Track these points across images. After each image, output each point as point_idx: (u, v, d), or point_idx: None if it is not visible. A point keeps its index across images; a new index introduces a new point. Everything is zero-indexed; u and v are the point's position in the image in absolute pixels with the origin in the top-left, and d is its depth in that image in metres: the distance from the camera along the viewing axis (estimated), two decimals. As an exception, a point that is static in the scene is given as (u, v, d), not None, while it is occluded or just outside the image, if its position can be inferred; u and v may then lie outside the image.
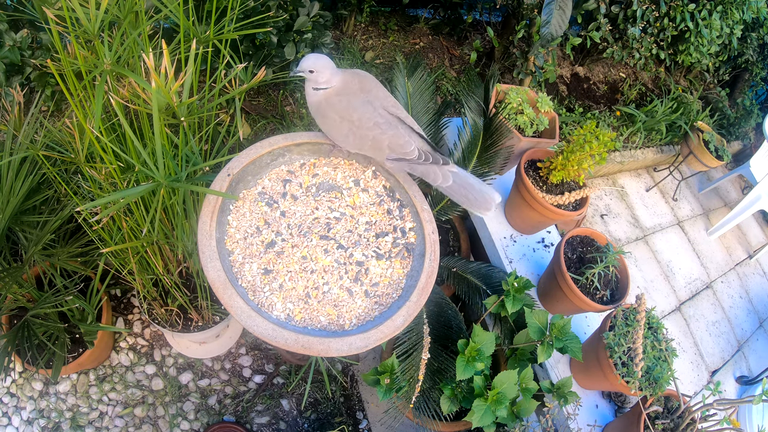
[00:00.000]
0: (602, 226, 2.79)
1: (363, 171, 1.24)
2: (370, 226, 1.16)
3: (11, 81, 1.55)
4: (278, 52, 1.86)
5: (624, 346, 1.48)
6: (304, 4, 1.86)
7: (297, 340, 0.93)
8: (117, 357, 1.84)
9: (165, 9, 0.99)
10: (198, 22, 1.61)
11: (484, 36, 3.03)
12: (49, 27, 0.89)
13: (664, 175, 3.28)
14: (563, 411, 1.57)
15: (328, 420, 1.95)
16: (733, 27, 2.86)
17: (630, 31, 2.56)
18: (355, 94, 1.11)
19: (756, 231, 3.64)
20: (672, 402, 1.53)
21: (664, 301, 2.71)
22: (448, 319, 1.67)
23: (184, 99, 0.95)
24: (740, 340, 2.90)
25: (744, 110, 3.68)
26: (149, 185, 0.88)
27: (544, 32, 1.89)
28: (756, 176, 3.07)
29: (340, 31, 2.66)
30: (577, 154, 1.68)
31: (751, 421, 2.31)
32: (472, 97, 1.94)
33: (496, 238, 1.97)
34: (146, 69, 1.07)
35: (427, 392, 1.52)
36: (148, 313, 1.59)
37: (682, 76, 3.71)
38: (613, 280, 1.70)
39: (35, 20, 1.39)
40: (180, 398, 1.85)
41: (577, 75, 3.19)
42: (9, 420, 1.70)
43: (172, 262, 1.47)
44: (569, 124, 2.79)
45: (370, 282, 1.08)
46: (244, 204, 1.11)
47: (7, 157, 1.24)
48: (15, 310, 1.52)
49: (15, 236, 1.39)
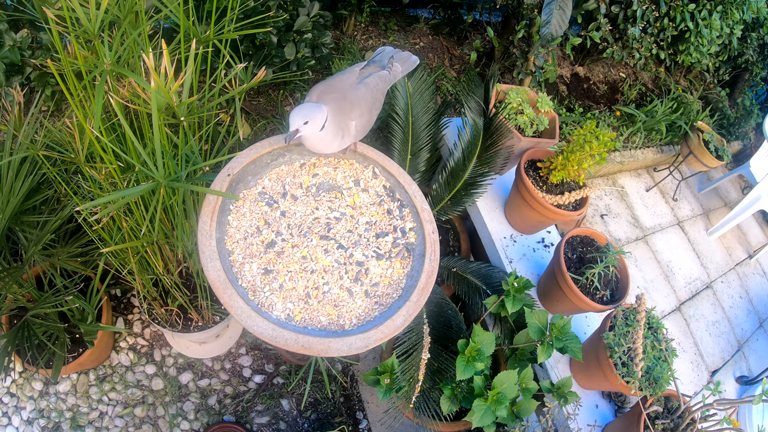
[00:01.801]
0: (602, 226, 2.79)
1: (363, 171, 1.24)
2: (370, 226, 1.16)
3: (11, 81, 1.55)
4: (278, 52, 1.86)
5: (624, 346, 1.48)
6: (304, 4, 1.86)
7: (297, 340, 0.93)
8: (117, 357, 1.84)
9: (165, 9, 0.99)
10: (198, 22, 1.61)
11: (484, 36, 3.03)
12: (49, 27, 0.89)
13: (664, 175, 3.28)
14: (563, 411, 1.57)
15: (328, 420, 1.95)
16: (733, 27, 2.86)
17: (630, 31, 2.56)
18: (343, 99, 1.12)
19: (756, 231, 3.64)
20: (672, 402, 1.53)
21: (664, 301, 2.71)
22: (448, 319, 1.67)
23: (183, 99, 0.95)
24: (740, 340, 2.90)
25: (744, 110, 3.68)
26: (149, 185, 0.88)
27: (544, 32, 1.89)
28: (756, 176, 3.07)
29: (340, 31, 2.66)
30: (577, 154, 1.68)
31: (751, 421, 2.31)
32: (472, 97, 1.94)
33: (496, 238, 1.97)
34: (146, 69, 1.07)
35: (427, 392, 1.52)
36: (148, 313, 1.59)
37: (682, 76, 3.71)
38: (613, 280, 1.70)
39: (35, 20, 1.39)
40: (180, 398, 1.85)
41: (577, 75, 3.19)
42: (9, 420, 1.70)
43: (172, 262, 1.47)
44: (569, 124, 2.79)
45: (371, 282, 1.08)
46: (244, 204, 1.11)
47: (7, 157, 1.24)
48: (15, 310, 1.52)
49: (15, 236, 1.39)
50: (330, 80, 1.16)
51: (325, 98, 1.10)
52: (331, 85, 1.14)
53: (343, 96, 1.12)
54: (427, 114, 1.95)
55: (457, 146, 1.92)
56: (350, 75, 1.18)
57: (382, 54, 1.27)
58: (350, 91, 1.13)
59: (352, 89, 1.14)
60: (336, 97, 1.11)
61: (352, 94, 1.13)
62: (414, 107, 1.92)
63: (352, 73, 1.18)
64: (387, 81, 1.23)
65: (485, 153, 1.85)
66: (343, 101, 1.11)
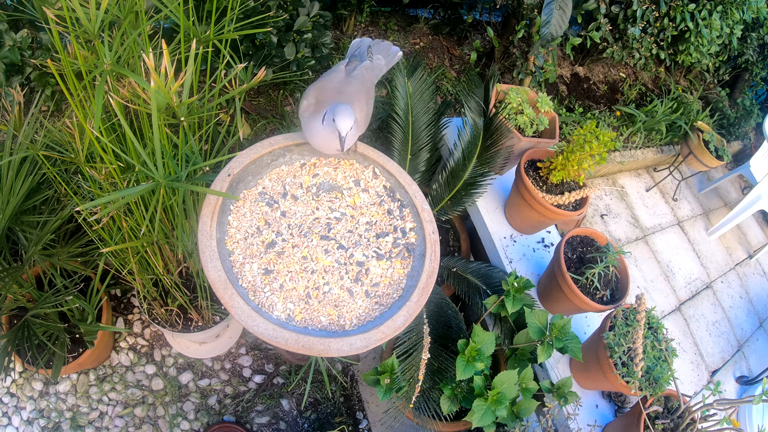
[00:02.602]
0: (602, 226, 2.79)
1: (363, 171, 1.24)
2: (371, 227, 1.16)
3: (11, 81, 1.55)
4: (278, 52, 1.86)
5: (624, 346, 1.48)
6: (304, 4, 1.86)
7: (298, 340, 0.93)
8: (117, 357, 1.84)
9: (165, 9, 0.99)
10: (198, 22, 1.61)
11: (484, 36, 3.03)
12: (49, 27, 0.89)
13: (664, 175, 3.28)
14: (563, 411, 1.57)
15: (328, 420, 1.95)
16: (733, 27, 2.86)
17: (630, 31, 2.56)
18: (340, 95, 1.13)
19: (756, 231, 3.64)
20: (672, 402, 1.53)
21: (664, 301, 2.71)
22: (448, 319, 1.67)
23: (184, 99, 0.95)
24: (740, 340, 2.90)
25: (744, 110, 3.68)
26: (149, 185, 0.88)
27: (544, 32, 1.89)
28: (756, 176, 3.07)
29: (340, 31, 2.66)
30: (577, 154, 1.68)
31: (751, 421, 2.31)
32: (472, 97, 1.94)
33: (496, 238, 1.97)
34: (146, 69, 1.07)
35: (427, 392, 1.52)
36: (148, 313, 1.59)
37: (682, 76, 3.71)
38: (613, 280, 1.70)
39: (35, 20, 1.39)
40: (180, 398, 1.85)
41: (577, 75, 3.19)
42: (9, 420, 1.70)
43: (172, 262, 1.47)
44: (569, 124, 2.79)
45: (371, 282, 1.08)
46: (244, 204, 1.11)
47: (7, 157, 1.24)
48: (15, 310, 1.52)
49: (15, 236, 1.38)
50: (320, 81, 1.16)
51: (326, 98, 1.10)
52: (323, 86, 1.14)
53: (339, 92, 1.11)
54: (427, 114, 1.95)
55: (457, 146, 1.92)
56: (337, 73, 1.18)
57: (360, 47, 1.26)
58: (344, 87, 1.13)
59: (346, 84, 1.14)
60: (334, 95, 1.11)
61: (347, 89, 1.13)
62: (414, 107, 1.92)
63: (338, 71, 1.18)
64: (373, 70, 1.22)
65: (485, 153, 1.85)
66: (342, 97, 1.11)
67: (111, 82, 0.99)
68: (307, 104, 1.12)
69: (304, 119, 1.12)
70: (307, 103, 1.12)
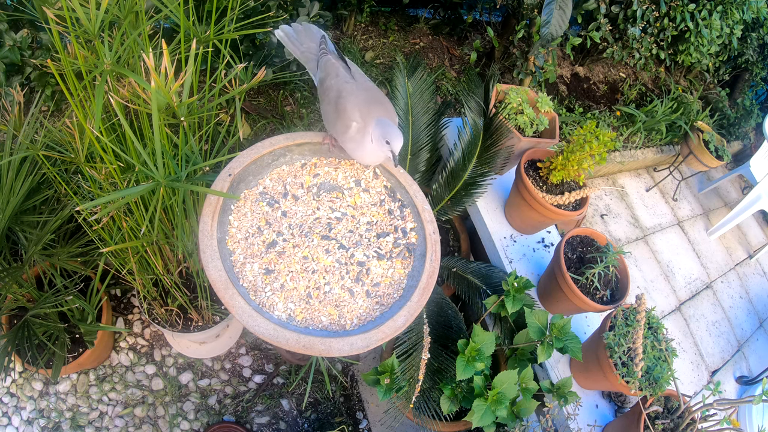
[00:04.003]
0: (602, 226, 2.79)
1: (364, 171, 1.24)
2: (371, 227, 1.16)
3: (11, 81, 1.55)
4: (278, 52, 1.86)
5: (624, 346, 1.48)
6: (304, 4, 1.86)
7: (298, 340, 0.93)
8: (117, 357, 1.84)
9: (165, 9, 0.99)
10: (198, 22, 1.61)
11: (484, 36, 3.03)
12: (49, 27, 0.89)
13: (664, 175, 3.29)
14: (563, 411, 1.57)
15: (328, 420, 1.95)
16: (733, 27, 2.86)
17: (630, 31, 2.56)
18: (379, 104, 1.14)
19: (756, 231, 3.64)
20: (672, 402, 1.53)
21: (664, 301, 2.71)
22: (448, 319, 1.67)
23: (184, 99, 0.95)
24: (740, 340, 2.90)
25: (744, 110, 3.68)
26: (149, 185, 0.88)
27: (544, 32, 1.89)
28: (756, 176, 3.07)
29: (340, 31, 2.66)
30: (577, 154, 1.68)
31: (751, 421, 2.31)
32: (472, 97, 1.94)
33: (496, 238, 1.97)
34: (146, 69, 1.07)
35: (427, 392, 1.52)
36: (148, 313, 1.59)
37: (682, 76, 3.71)
38: (613, 280, 1.70)
39: (35, 20, 1.39)
40: (180, 398, 1.85)
41: (577, 75, 3.19)
42: (9, 420, 1.70)
43: (172, 262, 1.47)
44: (569, 124, 2.79)
45: (372, 282, 1.08)
46: (245, 204, 1.11)
47: (7, 157, 1.24)
48: (15, 310, 1.52)
49: (15, 236, 1.38)
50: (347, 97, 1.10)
51: (368, 113, 1.10)
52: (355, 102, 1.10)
53: (373, 102, 1.11)
54: (427, 114, 1.95)
55: (457, 146, 1.92)
56: (346, 81, 1.13)
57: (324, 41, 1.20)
58: (374, 95, 1.13)
59: (372, 90, 1.14)
60: (368, 107, 1.10)
61: (378, 97, 1.13)
62: (414, 107, 1.92)
63: (341, 75, 1.14)
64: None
65: (485, 153, 1.85)
66: (379, 108, 1.11)
67: (111, 82, 0.99)
68: (357, 126, 1.09)
69: (355, 142, 1.10)
70: (357, 125, 1.09)
